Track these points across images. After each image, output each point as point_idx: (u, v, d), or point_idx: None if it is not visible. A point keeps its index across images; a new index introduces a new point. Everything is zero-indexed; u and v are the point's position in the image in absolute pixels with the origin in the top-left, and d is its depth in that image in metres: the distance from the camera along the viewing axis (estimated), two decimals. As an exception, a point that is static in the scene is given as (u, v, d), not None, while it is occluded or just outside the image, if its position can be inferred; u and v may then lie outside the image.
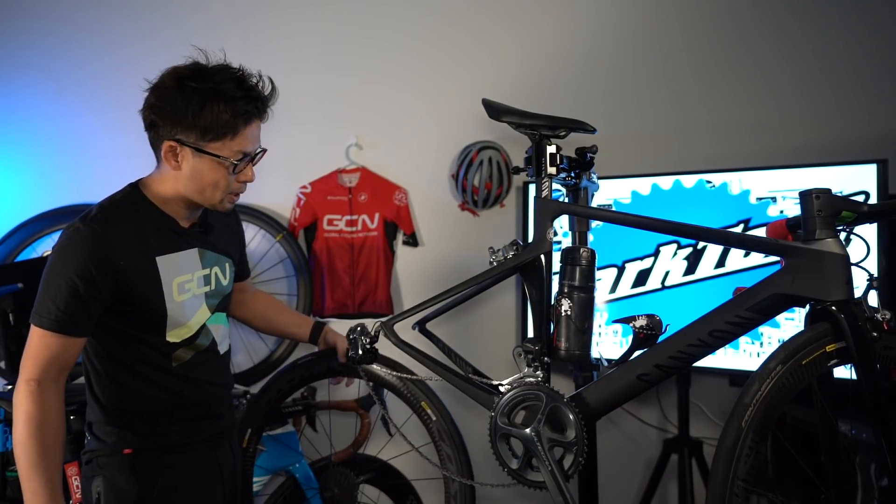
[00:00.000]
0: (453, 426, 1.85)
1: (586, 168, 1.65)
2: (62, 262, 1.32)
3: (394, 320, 1.68)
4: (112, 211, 1.39)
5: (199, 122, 1.33)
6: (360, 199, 2.44)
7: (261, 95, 1.40)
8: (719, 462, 1.29)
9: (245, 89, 1.36)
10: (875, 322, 1.28)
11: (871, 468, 1.71)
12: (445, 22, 2.47)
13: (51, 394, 1.34)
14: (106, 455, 1.43)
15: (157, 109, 1.35)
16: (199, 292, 1.50)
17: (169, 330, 1.44)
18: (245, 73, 1.39)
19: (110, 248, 1.33)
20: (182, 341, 1.47)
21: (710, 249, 2.10)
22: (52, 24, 2.50)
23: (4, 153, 2.52)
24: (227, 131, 1.35)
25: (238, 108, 1.35)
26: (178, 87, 1.33)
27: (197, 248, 1.50)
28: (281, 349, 2.43)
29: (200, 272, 1.50)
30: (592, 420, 1.50)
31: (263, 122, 1.45)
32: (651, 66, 2.42)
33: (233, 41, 2.46)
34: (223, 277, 1.57)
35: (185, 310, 1.46)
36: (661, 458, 2.26)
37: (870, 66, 2.31)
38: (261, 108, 1.41)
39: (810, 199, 1.32)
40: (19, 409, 1.32)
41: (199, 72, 1.35)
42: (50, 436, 1.33)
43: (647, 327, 1.45)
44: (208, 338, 1.53)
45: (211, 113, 1.32)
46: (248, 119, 1.38)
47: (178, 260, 1.45)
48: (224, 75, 1.36)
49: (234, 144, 1.37)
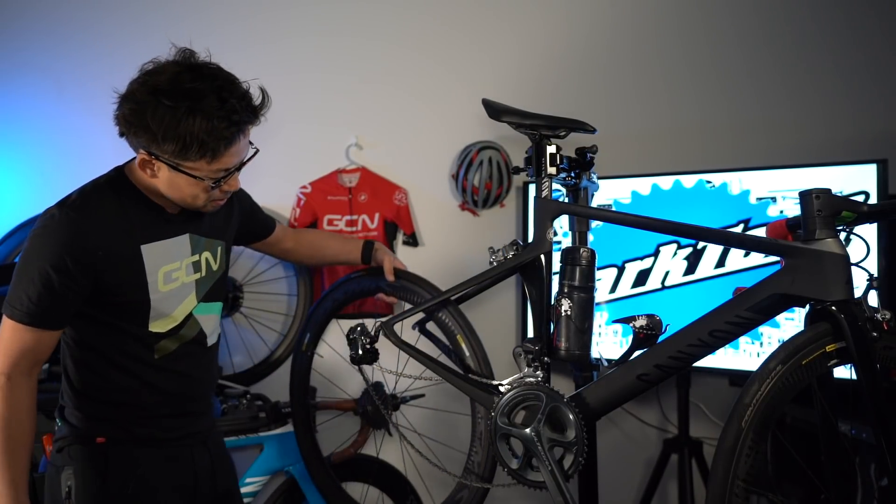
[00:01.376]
0: (487, 365, 1.75)
1: (586, 168, 1.65)
2: (36, 252, 1.24)
3: (394, 320, 1.69)
4: (93, 196, 1.30)
5: (173, 142, 1.20)
6: (360, 199, 2.44)
7: (245, 114, 1.24)
8: (719, 462, 1.29)
9: (227, 109, 1.20)
10: (875, 322, 1.28)
11: (871, 468, 1.70)
12: (445, 22, 2.47)
13: (21, 389, 1.27)
14: (78, 443, 1.35)
15: (128, 123, 1.23)
16: (187, 280, 1.42)
17: (152, 321, 1.37)
18: (229, 84, 1.23)
19: (87, 237, 1.25)
20: (166, 332, 1.39)
21: (710, 249, 2.10)
22: (52, 24, 2.50)
23: (4, 153, 2.52)
24: (204, 153, 1.22)
25: (217, 131, 1.20)
26: (151, 102, 1.19)
27: (188, 234, 1.41)
28: (281, 349, 2.43)
29: (189, 259, 1.41)
30: (592, 420, 1.50)
31: (256, 126, 1.32)
32: (651, 65, 2.42)
33: (233, 41, 2.49)
34: (214, 262, 1.49)
35: (170, 300, 1.38)
36: (661, 458, 2.26)
37: (870, 66, 2.31)
38: (246, 123, 1.26)
39: (810, 199, 1.32)
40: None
41: (175, 84, 1.19)
42: (17, 433, 1.25)
43: (647, 327, 1.45)
44: (195, 329, 1.45)
45: (187, 134, 1.18)
46: (229, 141, 1.24)
47: (165, 247, 1.36)
48: (204, 89, 1.19)
49: (213, 165, 1.26)
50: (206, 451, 1.51)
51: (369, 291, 1.95)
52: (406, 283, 1.87)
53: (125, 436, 1.38)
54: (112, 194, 1.32)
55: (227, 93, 1.21)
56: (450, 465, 1.76)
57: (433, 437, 2.09)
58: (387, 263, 1.78)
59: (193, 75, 1.21)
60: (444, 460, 1.79)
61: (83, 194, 1.31)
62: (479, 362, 1.74)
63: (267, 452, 2.17)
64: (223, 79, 1.24)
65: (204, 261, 1.46)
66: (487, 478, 1.71)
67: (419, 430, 2.05)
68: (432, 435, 2.05)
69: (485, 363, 1.74)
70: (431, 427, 2.21)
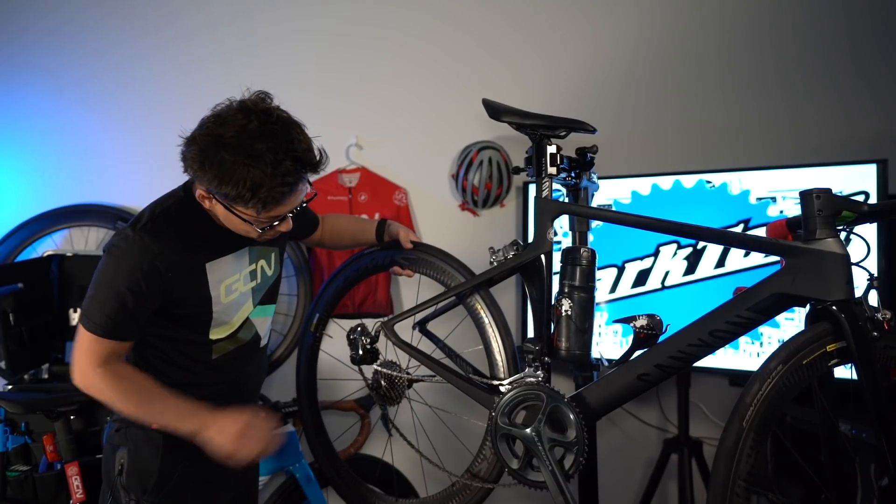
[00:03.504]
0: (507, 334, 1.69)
1: (586, 168, 1.65)
2: (113, 272, 1.32)
3: (394, 320, 1.69)
4: (162, 220, 1.36)
5: (227, 188, 1.24)
6: (360, 199, 2.44)
7: (298, 176, 1.28)
8: (720, 462, 1.29)
9: (281, 171, 1.24)
10: (875, 322, 1.28)
11: (871, 468, 1.71)
12: (446, 22, 2.47)
13: (119, 367, 1.36)
14: (135, 427, 1.43)
15: (189, 163, 1.28)
16: (245, 289, 1.50)
17: (212, 329, 1.46)
18: (286, 144, 1.25)
19: (160, 260, 1.32)
20: (225, 336, 1.48)
21: (710, 249, 2.10)
22: (52, 23, 2.50)
23: (4, 153, 2.52)
24: (255, 205, 1.27)
25: (269, 189, 1.24)
26: (213, 151, 1.23)
27: (247, 247, 1.49)
28: (280, 349, 2.43)
29: (247, 269, 1.50)
30: (593, 420, 1.50)
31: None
32: (651, 65, 2.42)
33: (233, 41, 2.49)
34: (269, 268, 1.57)
35: (230, 309, 1.47)
36: (661, 458, 2.26)
37: (870, 67, 2.31)
38: (298, 183, 1.29)
39: (810, 198, 1.32)
40: (105, 391, 1.33)
41: (237, 139, 1.23)
42: (143, 386, 1.36)
43: (647, 327, 1.45)
44: (250, 331, 1.54)
45: (241, 186, 1.23)
46: (279, 199, 1.28)
47: (227, 262, 1.45)
48: (262, 149, 1.22)
49: (263, 214, 1.31)
50: None
51: (383, 266, 1.86)
52: (422, 255, 1.77)
53: None
54: (180, 217, 1.38)
55: (283, 154, 1.25)
56: (451, 464, 1.76)
57: (444, 410, 2.06)
58: (402, 234, 1.77)
59: (256, 132, 1.24)
60: (445, 457, 1.79)
61: (154, 217, 1.36)
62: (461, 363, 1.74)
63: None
64: (282, 138, 1.26)
65: (259, 268, 1.54)
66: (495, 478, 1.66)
67: (424, 429, 2.04)
68: (432, 434, 2.04)
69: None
70: (432, 426, 2.20)
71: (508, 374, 1.62)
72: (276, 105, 1.33)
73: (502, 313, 1.69)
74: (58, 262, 2.22)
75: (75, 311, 2.22)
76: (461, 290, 1.68)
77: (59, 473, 1.96)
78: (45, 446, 1.98)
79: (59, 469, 1.96)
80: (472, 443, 1.92)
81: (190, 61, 2.46)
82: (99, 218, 2.42)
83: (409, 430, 1.88)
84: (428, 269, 1.77)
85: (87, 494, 1.90)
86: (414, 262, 1.79)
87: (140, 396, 1.35)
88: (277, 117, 1.28)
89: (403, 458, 2.28)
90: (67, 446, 1.94)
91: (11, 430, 2.04)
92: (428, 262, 1.77)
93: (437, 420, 2.02)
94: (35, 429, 2.04)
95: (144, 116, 2.46)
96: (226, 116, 1.26)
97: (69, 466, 1.91)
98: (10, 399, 1.95)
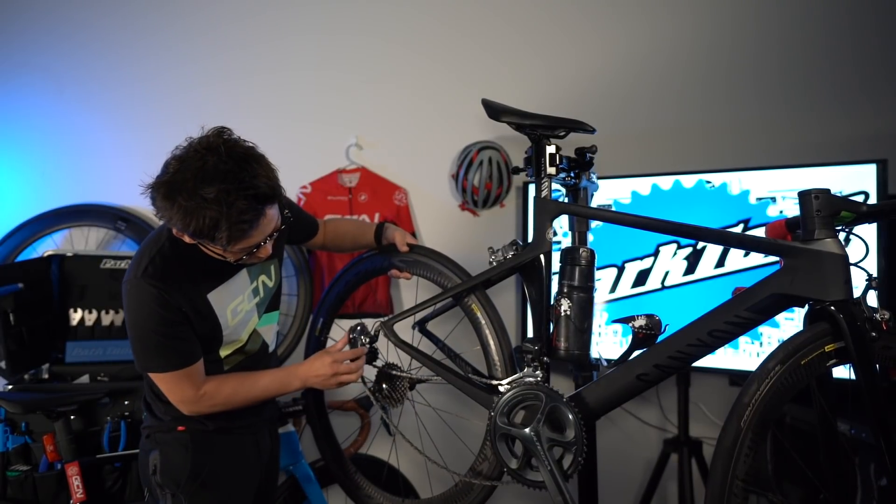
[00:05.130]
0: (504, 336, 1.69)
1: (586, 168, 1.65)
2: (142, 320, 1.38)
3: (394, 320, 1.69)
4: (160, 261, 1.39)
5: (191, 230, 1.26)
6: (360, 199, 2.44)
7: (252, 213, 1.27)
8: (718, 462, 1.29)
9: (235, 210, 1.24)
10: (874, 322, 1.28)
11: (871, 468, 1.71)
12: (446, 22, 2.47)
13: (210, 381, 1.47)
14: (162, 431, 1.53)
15: (156, 207, 1.29)
16: (249, 307, 1.56)
17: (222, 348, 1.53)
18: (237, 184, 1.24)
19: (171, 297, 1.38)
20: (234, 351, 1.55)
21: (710, 249, 2.10)
22: (52, 23, 2.50)
23: (4, 153, 2.53)
24: (220, 243, 1.29)
25: (227, 229, 1.25)
26: (171, 195, 1.24)
27: (245, 269, 1.54)
28: (281, 349, 2.43)
29: (249, 289, 1.56)
30: (592, 420, 1.51)
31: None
32: (651, 65, 2.42)
33: (233, 40, 2.50)
34: (270, 280, 1.62)
35: (238, 328, 1.53)
36: (661, 457, 2.26)
37: (870, 67, 2.31)
38: (255, 220, 1.29)
39: (809, 199, 1.32)
40: (217, 404, 1.48)
41: (191, 185, 1.23)
42: (239, 381, 1.50)
43: (646, 327, 1.46)
44: (258, 341, 1.60)
45: (203, 228, 1.25)
46: (239, 237, 1.29)
47: (227, 288, 1.50)
48: (213, 193, 1.22)
49: (230, 249, 1.33)
50: (268, 435, 1.68)
51: (381, 269, 1.89)
52: (419, 258, 1.80)
53: (201, 427, 1.53)
54: (175, 257, 1.41)
55: (236, 194, 1.24)
56: (452, 464, 1.76)
57: (445, 411, 2.07)
58: (398, 238, 1.80)
59: (210, 174, 1.24)
60: (446, 458, 1.79)
61: (153, 263, 1.39)
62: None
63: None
64: (234, 177, 1.25)
65: (261, 283, 1.59)
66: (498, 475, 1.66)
67: (426, 429, 2.04)
68: (433, 433, 2.05)
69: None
70: (432, 426, 2.21)
71: (506, 374, 1.63)
72: (234, 139, 1.31)
73: (499, 314, 1.70)
74: (58, 262, 2.22)
75: (75, 311, 2.22)
76: (458, 291, 1.68)
77: (59, 473, 1.96)
78: (45, 446, 1.98)
79: (59, 469, 1.96)
80: (472, 443, 1.92)
81: (189, 61, 2.47)
82: (99, 218, 2.42)
83: (408, 430, 1.88)
84: (424, 271, 1.80)
85: (87, 494, 1.90)
86: (411, 265, 1.81)
87: (243, 389, 1.50)
88: (230, 155, 1.26)
89: (404, 458, 2.28)
90: (67, 446, 1.94)
91: (11, 430, 2.04)
92: (424, 265, 1.80)
93: (438, 420, 2.02)
94: (35, 429, 2.04)
95: (144, 116, 2.47)
96: (184, 159, 1.27)
97: (69, 466, 1.91)
98: (10, 399, 1.95)
